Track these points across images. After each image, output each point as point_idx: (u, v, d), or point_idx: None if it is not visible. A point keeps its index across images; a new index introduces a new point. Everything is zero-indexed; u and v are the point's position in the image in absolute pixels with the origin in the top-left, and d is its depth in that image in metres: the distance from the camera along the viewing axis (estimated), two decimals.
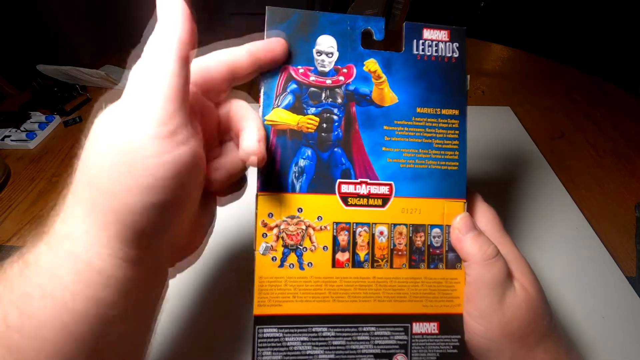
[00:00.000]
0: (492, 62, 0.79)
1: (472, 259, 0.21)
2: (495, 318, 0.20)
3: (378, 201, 0.22)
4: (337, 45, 0.22)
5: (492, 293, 0.21)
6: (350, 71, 0.22)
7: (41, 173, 0.51)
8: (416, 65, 0.23)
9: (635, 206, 0.45)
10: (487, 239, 0.22)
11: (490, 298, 0.21)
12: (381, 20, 0.22)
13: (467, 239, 0.21)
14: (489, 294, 0.21)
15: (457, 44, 0.23)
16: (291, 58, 0.22)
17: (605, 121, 0.61)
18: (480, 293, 0.21)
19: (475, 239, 0.21)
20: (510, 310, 0.20)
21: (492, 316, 0.20)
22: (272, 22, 0.21)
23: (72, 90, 0.67)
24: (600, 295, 0.36)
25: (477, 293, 0.21)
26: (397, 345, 0.21)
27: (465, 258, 0.22)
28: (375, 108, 0.22)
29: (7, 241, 0.42)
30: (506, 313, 0.20)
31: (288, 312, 0.21)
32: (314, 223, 0.21)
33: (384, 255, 0.22)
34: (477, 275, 0.21)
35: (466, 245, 0.21)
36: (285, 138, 0.21)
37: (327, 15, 0.22)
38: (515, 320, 0.20)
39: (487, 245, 0.21)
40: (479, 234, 0.22)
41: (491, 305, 0.20)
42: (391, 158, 0.22)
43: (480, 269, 0.21)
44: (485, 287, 0.21)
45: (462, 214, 0.22)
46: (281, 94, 0.22)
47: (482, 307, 0.21)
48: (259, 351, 0.20)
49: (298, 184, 0.21)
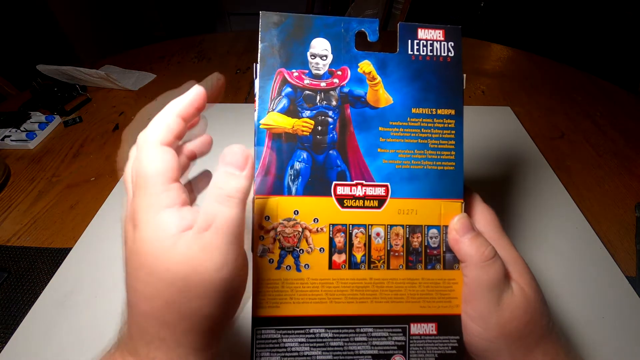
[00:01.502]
0: (492, 62, 0.79)
1: (470, 260, 0.21)
2: (493, 319, 0.20)
3: (374, 202, 0.22)
4: (331, 47, 0.22)
5: (489, 294, 0.20)
6: (345, 73, 0.22)
7: (41, 173, 0.51)
8: (411, 65, 0.23)
9: (635, 206, 0.45)
10: (484, 240, 0.22)
11: (487, 299, 0.20)
12: (375, 22, 0.22)
13: (465, 240, 0.21)
14: (486, 295, 0.21)
15: (452, 43, 0.23)
16: (286, 62, 0.22)
17: (605, 121, 0.61)
18: (477, 294, 0.21)
19: (472, 240, 0.21)
20: (508, 311, 0.20)
21: (490, 317, 0.20)
22: (266, 26, 0.22)
23: (72, 90, 0.68)
24: (600, 295, 0.36)
25: (475, 294, 0.21)
26: (395, 346, 0.21)
27: (462, 259, 0.22)
28: (370, 109, 0.22)
29: (7, 241, 0.42)
30: (504, 314, 0.20)
31: (286, 313, 0.21)
32: (310, 225, 0.21)
33: (380, 256, 0.22)
34: (475, 277, 0.21)
35: (464, 246, 0.21)
36: (281, 141, 0.21)
37: (321, 19, 0.22)
38: (514, 321, 0.20)
39: (484, 246, 0.21)
40: (476, 235, 0.22)
41: (489, 307, 0.20)
42: (387, 159, 0.22)
43: (478, 271, 0.21)
44: (483, 289, 0.21)
45: (459, 215, 0.22)
46: (276, 97, 0.22)
47: (480, 308, 0.21)
48: (258, 352, 0.21)
49: (294, 186, 0.21)
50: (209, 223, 0.18)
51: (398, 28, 0.23)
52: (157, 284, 0.18)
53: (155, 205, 0.18)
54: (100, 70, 0.69)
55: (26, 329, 0.33)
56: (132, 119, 0.62)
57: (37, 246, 0.41)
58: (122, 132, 0.59)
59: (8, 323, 0.34)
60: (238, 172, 0.19)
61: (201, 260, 0.18)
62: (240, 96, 0.66)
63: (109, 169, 0.52)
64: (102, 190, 0.48)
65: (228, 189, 0.18)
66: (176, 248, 0.18)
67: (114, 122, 0.62)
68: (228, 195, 0.18)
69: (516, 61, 0.80)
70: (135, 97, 0.69)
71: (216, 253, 0.18)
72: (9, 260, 0.39)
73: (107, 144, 0.57)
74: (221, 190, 0.18)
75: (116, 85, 0.69)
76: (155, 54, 0.84)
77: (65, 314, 0.34)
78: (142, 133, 0.20)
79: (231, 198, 0.18)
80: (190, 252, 0.18)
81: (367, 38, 0.23)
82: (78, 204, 0.46)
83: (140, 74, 0.75)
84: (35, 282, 0.37)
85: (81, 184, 0.49)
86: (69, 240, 0.41)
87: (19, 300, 0.36)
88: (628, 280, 0.37)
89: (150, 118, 0.20)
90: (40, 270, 0.38)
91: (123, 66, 0.78)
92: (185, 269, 0.18)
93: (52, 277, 0.37)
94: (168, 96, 0.21)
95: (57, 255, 0.40)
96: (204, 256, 0.18)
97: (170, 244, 0.18)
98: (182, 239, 0.18)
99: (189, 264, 0.18)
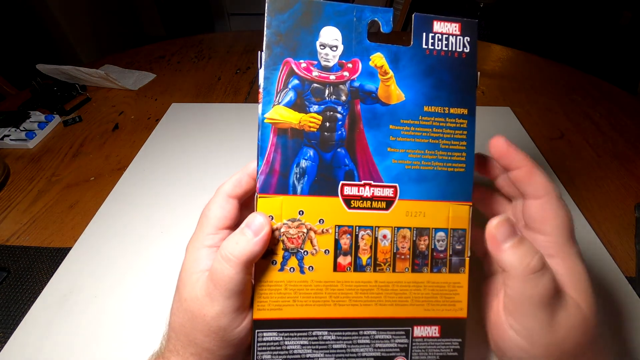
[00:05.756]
0: (492, 63, 0.79)
1: (513, 271, 0.18)
2: (545, 339, 0.18)
3: (382, 204, 0.21)
4: (342, 37, 0.21)
5: (539, 312, 0.18)
6: (356, 66, 0.21)
7: (40, 172, 0.51)
8: (425, 60, 0.21)
9: (635, 206, 0.45)
10: (530, 248, 0.19)
11: (537, 316, 0.18)
12: (389, 11, 0.21)
13: (506, 247, 0.19)
14: (535, 312, 0.18)
15: (468, 38, 0.22)
16: (293, 51, 0.20)
17: (605, 121, 0.61)
18: (524, 309, 0.19)
19: (515, 248, 0.19)
20: (563, 331, 0.18)
21: (541, 335, 0.18)
22: (273, 11, 0.20)
23: (71, 89, 0.67)
24: (600, 295, 0.36)
25: (521, 309, 0.19)
26: (398, 349, 0.21)
27: (504, 268, 0.19)
28: (381, 106, 0.21)
29: (6, 241, 0.42)
30: (558, 335, 0.18)
31: (288, 316, 0.20)
32: (315, 226, 0.21)
33: (386, 259, 0.21)
34: (519, 289, 0.18)
35: (505, 255, 0.19)
36: (286, 137, 0.20)
37: (331, 5, 0.20)
38: (568, 342, 0.18)
39: (530, 255, 0.18)
40: (520, 242, 0.19)
41: (539, 324, 0.18)
42: (396, 159, 0.21)
43: (522, 284, 0.18)
44: (530, 305, 0.18)
45: (500, 216, 0.20)
46: (282, 90, 0.20)
47: (527, 325, 0.19)
48: (259, 355, 0.20)
49: (299, 185, 0.20)
50: (211, 275, 0.19)
51: (413, 19, 0.21)
52: (177, 305, 0.21)
53: (200, 242, 0.21)
54: (100, 69, 0.69)
55: (26, 328, 0.33)
56: (132, 119, 0.62)
57: (37, 246, 0.41)
58: (121, 131, 0.59)
59: (7, 323, 0.34)
60: (251, 233, 0.19)
61: (205, 303, 0.19)
62: (240, 96, 0.66)
63: (108, 168, 0.52)
64: (102, 189, 0.48)
65: (232, 249, 0.19)
66: (194, 284, 0.20)
67: (114, 121, 0.62)
68: (232, 255, 0.19)
69: (516, 62, 0.80)
70: (135, 96, 0.68)
71: (215, 303, 0.19)
72: (9, 260, 0.39)
73: (107, 143, 0.57)
74: (226, 250, 0.19)
75: (116, 84, 0.69)
76: (155, 53, 0.84)
77: (65, 313, 0.34)
78: (221, 184, 0.22)
79: (233, 260, 0.19)
80: (200, 293, 0.20)
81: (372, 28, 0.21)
82: (78, 204, 0.46)
83: (140, 73, 0.75)
84: (35, 282, 0.37)
85: (81, 184, 0.49)
86: (68, 240, 0.41)
87: (19, 299, 0.36)
88: (628, 280, 0.37)
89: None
90: (39, 270, 0.38)
91: (123, 66, 0.78)
92: (193, 305, 0.20)
93: (52, 276, 0.37)
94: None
95: (57, 254, 0.40)
96: (207, 302, 0.19)
97: (194, 279, 0.20)
98: (202, 278, 0.20)
99: (196, 302, 0.20)
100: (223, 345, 0.20)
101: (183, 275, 0.21)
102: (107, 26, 1.82)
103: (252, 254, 0.19)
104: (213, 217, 0.21)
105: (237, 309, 0.20)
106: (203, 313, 0.19)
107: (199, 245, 0.21)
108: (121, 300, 0.35)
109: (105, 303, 0.35)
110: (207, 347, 0.20)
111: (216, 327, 0.20)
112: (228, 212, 0.21)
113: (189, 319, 0.20)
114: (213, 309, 0.19)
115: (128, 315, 0.34)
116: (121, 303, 0.35)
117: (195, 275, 0.20)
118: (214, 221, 0.21)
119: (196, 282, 0.20)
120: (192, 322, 0.20)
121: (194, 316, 0.20)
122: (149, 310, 0.34)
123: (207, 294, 0.19)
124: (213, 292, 0.19)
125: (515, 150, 0.21)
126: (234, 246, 0.19)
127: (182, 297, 0.21)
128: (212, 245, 0.21)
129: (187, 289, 0.20)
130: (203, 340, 0.20)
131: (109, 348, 0.31)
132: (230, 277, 0.19)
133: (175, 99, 0.66)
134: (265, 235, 0.19)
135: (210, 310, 0.19)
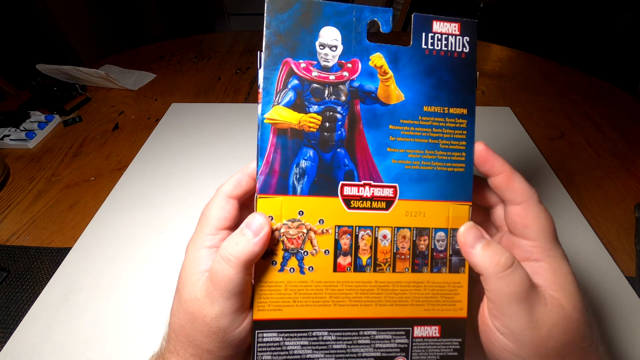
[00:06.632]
0: (492, 63, 0.79)
1: (486, 272, 0.19)
2: (528, 337, 0.19)
3: (382, 204, 0.21)
4: (342, 37, 0.21)
5: (519, 309, 0.19)
6: (355, 66, 0.21)
7: (40, 172, 0.51)
8: (424, 60, 0.21)
9: (634, 206, 0.45)
10: (498, 248, 0.20)
11: (517, 315, 0.19)
12: (388, 11, 0.21)
13: (477, 251, 0.20)
14: (515, 310, 0.19)
15: (467, 38, 0.22)
16: (293, 51, 0.20)
17: (604, 121, 0.61)
18: (505, 310, 0.19)
19: (484, 249, 0.20)
20: (545, 329, 0.19)
21: (524, 334, 0.19)
22: (273, 11, 0.20)
23: (71, 89, 0.67)
24: (600, 295, 0.36)
25: (502, 310, 0.19)
26: (398, 349, 0.21)
27: (479, 272, 0.20)
28: (380, 106, 0.21)
29: (6, 241, 0.42)
30: (540, 333, 0.19)
31: (288, 316, 0.20)
32: (315, 226, 0.21)
33: (386, 259, 0.21)
34: (496, 290, 0.19)
35: (476, 258, 0.20)
36: (286, 138, 0.20)
37: (331, 5, 0.20)
38: (550, 341, 0.19)
39: (499, 254, 0.19)
40: (488, 243, 0.20)
41: (522, 323, 0.19)
42: (396, 159, 0.21)
43: (497, 282, 0.19)
44: (509, 303, 0.19)
45: (465, 224, 0.21)
46: (282, 90, 0.20)
47: (511, 325, 0.19)
48: (259, 355, 0.20)
49: (299, 186, 0.20)
50: (211, 276, 0.19)
51: (412, 19, 0.21)
52: (178, 306, 0.21)
53: (199, 242, 0.21)
54: (100, 69, 0.69)
55: (25, 328, 0.33)
56: (132, 119, 0.62)
57: (37, 246, 0.41)
58: (121, 131, 0.59)
59: (7, 323, 0.34)
60: (251, 234, 0.19)
61: (205, 304, 0.19)
62: (240, 96, 0.66)
63: (108, 168, 0.52)
64: (102, 189, 0.48)
65: (232, 250, 0.19)
66: (194, 285, 0.20)
67: (114, 121, 0.62)
68: (232, 256, 0.19)
69: (516, 61, 0.80)
70: (135, 96, 0.68)
71: (215, 304, 0.19)
72: (9, 260, 0.39)
73: (107, 143, 0.57)
74: (226, 250, 0.19)
75: (116, 84, 0.69)
76: (155, 53, 0.84)
77: (65, 313, 0.34)
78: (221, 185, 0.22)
79: (233, 260, 0.19)
80: (200, 294, 0.20)
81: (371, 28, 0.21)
82: (77, 204, 0.46)
83: (140, 73, 0.75)
84: (35, 282, 0.37)
85: (81, 184, 0.49)
86: (68, 240, 0.41)
87: (19, 300, 0.36)
88: (628, 280, 0.37)
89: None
90: (39, 270, 0.38)
91: (123, 66, 0.78)
92: (193, 306, 0.20)
93: (52, 276, 0.37)
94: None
95: (57, 255, 0.40)
96: (207, 303, 0.19)
97: (194, 280, 0.20)
98: (202, 279, 0.20)
99: (196, 303, 0.20)
100: (223, 346, 0.20)
101: (183, 275, 0.21)
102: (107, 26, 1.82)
103: (251, 255, 0.19)
104: (213, 218, 0.21)
105: (237, 309, 0.20)
106: (203, 314, 0.19)
107: (198, 246, 0.21)
108: (121, 300, 0.35)
109: (105, 303, 0.35)
110: (208, 348, 0.20)
111: (216, 328, 0.20)
112: (228, 213, 0.21)
113: (189, 319, 0.20)
114: (213, 310, 0.19)
115: (128, 316, 0.34)
116: (121, 303, 0.35)
117: (195, 276, 0.20)
118: (214, 222, 0.21)
119: (196, 283, 0.20)
120: (192, 323, 0.20)
121: (194, 317, 0.20)
122: (149, 311, 0.34)
123: (207, 294, 0.19)
124: (213, 292, 0.19)
125: (495, 156, 0.21)
126: (233, 247, 0.19)
127: (182, 297, 0.21)
128: (212, 246, 0.21)
129: (187, 289, 0.20)
130: (203, 341, 0.20)
131: (109, 348, 0.31)
132: (230, 278, 0.19)
133: (175, 99, 0.66)
134: (265, 235, 0.19)
135: (210, 311, 0.19)
